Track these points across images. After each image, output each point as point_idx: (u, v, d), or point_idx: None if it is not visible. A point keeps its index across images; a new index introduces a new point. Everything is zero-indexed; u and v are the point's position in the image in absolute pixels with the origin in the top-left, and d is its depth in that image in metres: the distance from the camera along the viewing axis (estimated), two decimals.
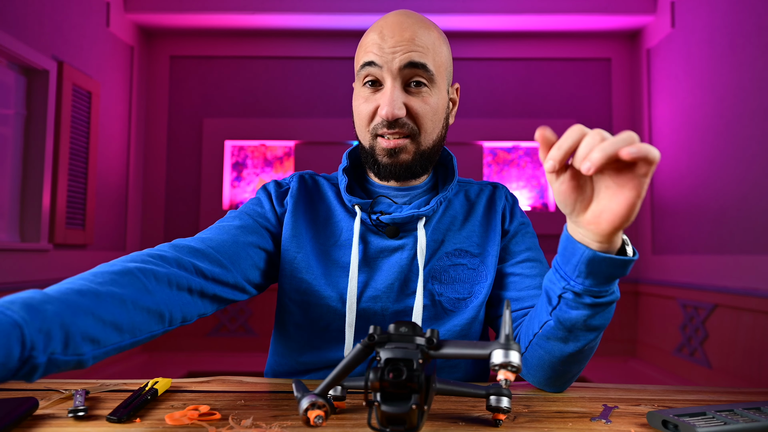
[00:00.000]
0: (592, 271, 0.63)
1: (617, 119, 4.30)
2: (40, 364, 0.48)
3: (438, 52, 0.84)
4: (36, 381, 0.54)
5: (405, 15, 0.84)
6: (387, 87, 0.81)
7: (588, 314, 0.66)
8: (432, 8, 3.94)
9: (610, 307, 0.67)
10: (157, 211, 4.31)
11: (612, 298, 0.66)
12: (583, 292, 0.65)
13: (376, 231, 0.87)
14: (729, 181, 3.10)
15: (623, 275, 0.63)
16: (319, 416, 0.51)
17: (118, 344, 0.57)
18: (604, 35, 4.27)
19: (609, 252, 0.62)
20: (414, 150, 0.84)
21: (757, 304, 2.82)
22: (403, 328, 0.56)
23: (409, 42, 0.80)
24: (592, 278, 0.64)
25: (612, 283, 0.65)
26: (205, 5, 3.94)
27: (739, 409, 0.62)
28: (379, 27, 0.84)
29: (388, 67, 0.81)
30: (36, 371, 0.48)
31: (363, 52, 0.84)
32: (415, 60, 0.80)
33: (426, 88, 0.83)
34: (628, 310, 4.18)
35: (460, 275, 0.86)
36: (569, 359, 0.72)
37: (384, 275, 0.85)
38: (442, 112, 0.86)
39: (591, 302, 0.65)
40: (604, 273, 0.63)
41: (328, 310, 0.85)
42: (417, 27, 0.82)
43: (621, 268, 0.63)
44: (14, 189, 3.08)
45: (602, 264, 0.62)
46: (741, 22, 3.02)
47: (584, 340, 0.69)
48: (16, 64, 3.04)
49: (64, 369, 0.52)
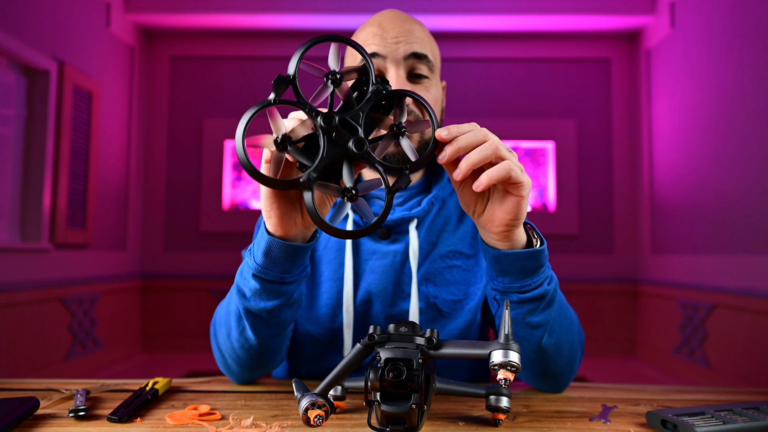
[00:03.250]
0: (503, 269, 0.65)
1: (617, 119, 4.31)
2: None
3: (433, 45, 0.86)
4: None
5: (397, 11, 0.85)
6: (392, 76, 0.80)
7: (522, 312, 0.67)
8: (432, 8, 3.95)
9: (543, 301, 0.67)
10: (157, 211, 4.31)
11: (539, 291, 0.66)
12: (505, 290, 0.67)
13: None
14: (728, 181, 3.10)
15: (538, 266, 0.65)
16: (319, 416, 0.51)
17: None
18: (603, 36, 4.27)
19: (514, 248, 0.64)
20: (418, 139, 0.83)
21: (756, 304, 2.83)
22: (402, 328, 0.56)
23: (409, 33, 0.81)
24: (508, 275, 0.66)
25: (531, 276, 0.66)
26: (205, 5, 3.94)
27: (738, 408, 0.62)
28: (376, 20, 0.84)
29: (393, 57, 0.80)
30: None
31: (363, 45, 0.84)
32: (417, 50, 0.81)
33: (427, 79, 0.83)
34: (627, 310, 4.18)
35: (454, 277, 0.85)
36: (536, 358, 0.72)
37: (377, 278, 0.84)
38: (440, 105, 0.87)
39: (518, 299, 0.66)
40: (515, 268, 0.65)
41: (324, 314, 0.85)
42: (412, 21, 0.84)
43: (529, 260, 0.64)
44: (15, 189, 3.09)
45: (509, 260, 0.64)
46: (740, 22, 3.02)
47: (533, 338, 0.69)
48: (17, 65, 3.04)
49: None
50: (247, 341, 0.72)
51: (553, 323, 0.69)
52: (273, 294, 0.66)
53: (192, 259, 4.25)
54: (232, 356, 0.75)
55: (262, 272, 0.64)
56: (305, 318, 0.85)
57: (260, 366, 0.77)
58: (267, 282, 0.65)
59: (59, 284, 3.24)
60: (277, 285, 0.65)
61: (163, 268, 4.28)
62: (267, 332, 0.70)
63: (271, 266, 0.64)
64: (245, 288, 0.67)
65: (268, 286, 0.65)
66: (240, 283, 0.67)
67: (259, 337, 0.71)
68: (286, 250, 0.62)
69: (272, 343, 0.73)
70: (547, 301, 0.67)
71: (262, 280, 0.65)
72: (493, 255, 0.65)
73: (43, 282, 3.11)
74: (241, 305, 0.68)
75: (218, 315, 0.76)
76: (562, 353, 0.73)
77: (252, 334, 0.70)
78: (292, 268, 0.65)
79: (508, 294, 0.67)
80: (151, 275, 4.27)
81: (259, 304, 0.67)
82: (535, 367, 0.74)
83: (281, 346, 0.77)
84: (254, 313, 0.68)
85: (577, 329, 0.77)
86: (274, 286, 0.65)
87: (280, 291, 0.66)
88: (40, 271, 3.10)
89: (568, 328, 0.73)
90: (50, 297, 3.15)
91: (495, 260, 0.65)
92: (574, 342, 0.75)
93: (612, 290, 4.20)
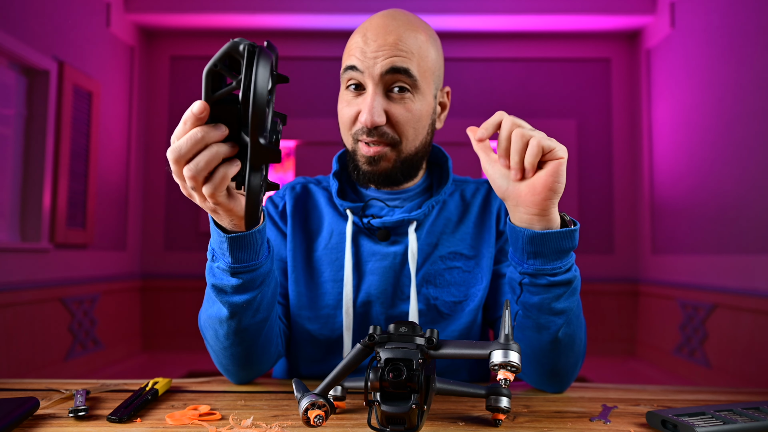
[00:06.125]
0: (537, 250, 0.66)
1: (617, 119, 4.31)
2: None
3: (424, 56, 0.80)
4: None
5: (391, 17, 0.81)
6: (368, 93, 0.79)
7: (549, 297, 0.68)
8: (432, 8, 3.95)
9: (570, 287, 0.68)
10: (157, 211, 4.31)
11: (569, 276, 0.67)
12: (536, 272, 0.67)
13: (368, 234, 0.87)
14: (728, 181, 3.10)
15: (571, 247, 0.66)
16: (319, 416, 0.51)
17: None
18: (603, 35, 4.27)
19: (551, 227, 0.66)
20: (395, 158, 0.82)
21: (756, 304, 2.83)
22: (403, 328, 0.56)
23: (392, 46, 0.78)
24: (540, 257, 0.66)
25: (562, 258, 0.67)
26: (205, 5, 3.94)
27: (739, 408, 0.62)
28: (363, 29, 0.81)
29: (370, 73, 0.78)
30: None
31: (347, 54, 0.82)
32: (397, 65, 0.77)
33: (409, 94, 0.79)
34: (627, 310, 4.18)
35: (455, 278, 0.85)
36: (549, 350, 0.72)
37: (377, 280, 0.84)
38: (426, 119, 0.83)
39: (547, 282, 0.67)
40: (550, 248, 0.65)
41: (325, 315, 0.85)
42: (402, 30, 0.79)
43: (564, 240, 0.65)
44: (15, 189, 3.09)
45: (545, 239, 0.65)
46: (740, 22, 3.02)
47: (554, 326, 0.70)
48: (17, 65, 3.04)
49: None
50: (237, 335, 0.72)
51: (572, 314, 0.70)
52: (253, 282, 0.67)
53: (192, 259, 4.25)
54: (226, 355, 0.75)
55: (237, 269, 0.65)
56: (305, 318, 0.85)
57: (256, 361, 0.77)
58: (245, 273, 0.66)
59: (59, 284, 3.24)
60: (253, 272, 0.67)
61: (163, 268, 4.28)
62: (254, 319, 0.71)
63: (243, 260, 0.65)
64: (224, 286, 0.67)
65: (247, 277, 0.66)
66: (216, 283, 0.68)
67: (248, 326, 0.71)
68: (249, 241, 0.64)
69: (261, 330, 0.73)
70: (573, 287, 0.68)
71: (240, 274, 0.66)
72: (528, 235, 0.65)
73: (43, 282, 3.11)
74: (224, 301, 0.68)
75: (202, 320, 0.76)
76: (573, 347, 0.73)
77: (240, 325, 0.70)
78: (261, 249, 0.66)
79: (538, 277, 0.67)
80: (151, 275, 4.27)
81: (242, 297, 0.68)
82: (546, 360, 0.73)
83: (271, 333, 0.77)
84: (239, 305, 0.68)
85: (584, 326, 0.78)
86: (251, 275, 0.67)
87: (257, 276, 0.67)
88: (40, 271, 3.10)
89: (580, 322, 0.74)
90: (50, 297, 3.15)
91: (529, 241, 0.66)
92: (583, 337, 0.76)
93: (612, 290, 4.20)
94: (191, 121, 0.52)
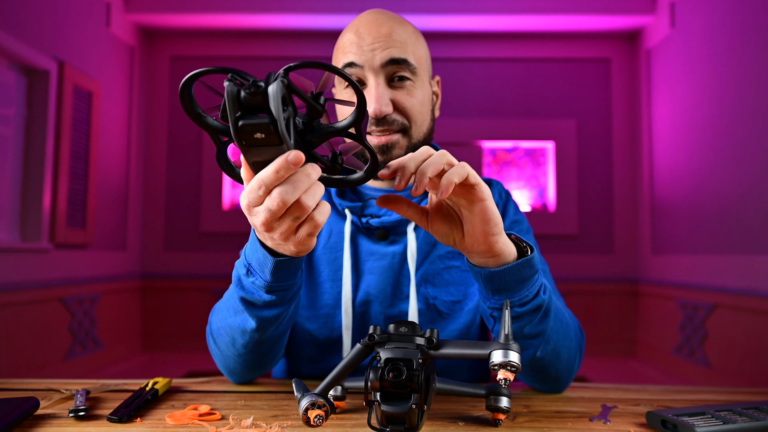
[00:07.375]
0: (498, 286, 0.64)
1: (617, 119, 4.31)
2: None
3: (416, 45, 0.83)
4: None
5: (379, 13, 0.83)
6: (371, 85, 0.80)
7: (521, 325, 0.66)
8: (432, 8, 3.95)
9: (539, 312, 0.66)
10: (157, 211, 4.31)
11: (536, 302, 0.65)
12: (502, 306, 0.65)
13: (366, 234, 0.87)
14: (728, 181, 3.10)
15: (533, 273, 0.64)
16: (319, 416, 0.51)
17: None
18: (603, 36, 4.27)
19: (506, 262, 0.63)
20: (406, 144, 0.83)
21: (756, 304, 2.83)
22: (402, 328, 0.56)
23: (386, 38, 0.80)
24: (504, 291, 0.64)
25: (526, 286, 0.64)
26: (205, 5, 3.94)
27: (738, 408, 0.62)
28: (354, 26, 0.82)
29: (370, 65, 0.79)
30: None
31: (341, 53, 0.83)
32: (395, 56, 0.79)
33: (410, 82, 0.82)
34: (627, 310, 4.18)
35: (453, 278, 0.85)
36: (532, 368, 0.72)
37: (376, 279, 0.84)
38: (428, 104, 0.86)
39: (516, 314, 0.65)
40: (511, 281, 0.63)
41: (324, 315, 0.85)
42: (392, 23, 0.82)
43: (523, 270, 0.63)
44: (15, 189, 3.09)
45: (503, 275, 0.63)
46: (740, 22, 3.02)
47: (531, 348, 0.69)
48: (17, 65, 3.04)
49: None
50: (257, 345, 0.72)
51: (550, 331, 0.69)
52: (284, 298, 0.67)
53: (192, 259, 4.25)
54: (238, 361, 0.75)
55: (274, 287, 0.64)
56: (305, 318, 0.85)
57: (264, 365, 0.78)
58: (281, 291, 0.65)
59: (59, 284, 3.24)
60: (288, 290, 0.66)
61: (163, 268, 4.28)
62: (276, 331, 0.71)
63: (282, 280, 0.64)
64: (256, 301, 0.66)
65: (281, 294, 0.66)
66: (248, 297, 0.66)
67: (269, 338, 0.71)
68: (295, 264, 0.63)
69: (280, 340, 0.74)
70: (543, 311, 0.66)
71: (275, 291, 0.65)
72: (485, 275, 0.64)
73: (43, 282, 3.11)
74: (254, 315, 0.67)
75: (216, 327, 0.75)
76: (560, 359, 0.73)
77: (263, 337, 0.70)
78: (297, 272, 0.66)
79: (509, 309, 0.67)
80: (151, 275, 4.27)
81: (272, 311, 0.67)
82: (534, 373, 0.74)
83: (284, 340, 0.78)
84: (268, 318, 0.68)
85: (575, 332, 0.77)
86: (285, 292, 0.66)
87: (290, 293, 0.67)
88: (40, 271, 3.10)
89: (565, 334, 0.73)
90: (50, 297, 3.15)
91: (488, 280, 0.64)
92: (571, 346, 0.75)
93: (612, 290, 4.20)
94: (285, 169, 0.48)
